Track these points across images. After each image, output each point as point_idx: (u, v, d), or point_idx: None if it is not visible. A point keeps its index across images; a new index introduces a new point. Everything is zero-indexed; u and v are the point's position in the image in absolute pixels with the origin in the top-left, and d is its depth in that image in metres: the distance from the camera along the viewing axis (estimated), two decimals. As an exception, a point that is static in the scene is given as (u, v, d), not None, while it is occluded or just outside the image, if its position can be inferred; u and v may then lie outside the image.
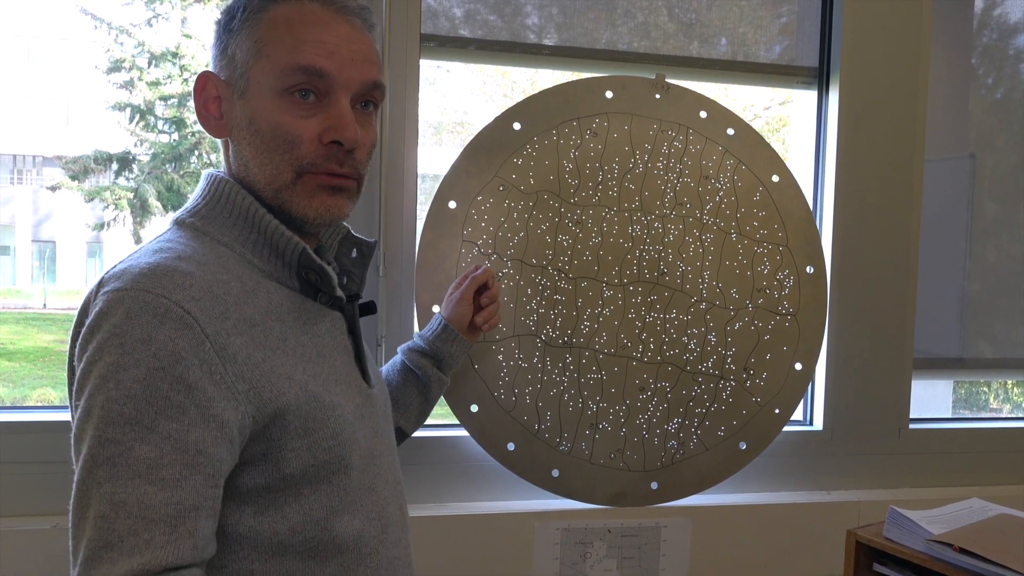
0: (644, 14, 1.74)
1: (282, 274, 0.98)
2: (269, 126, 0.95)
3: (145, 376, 0.81)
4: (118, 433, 0.80)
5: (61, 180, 5.00)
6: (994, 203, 2.00)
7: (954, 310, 1.99)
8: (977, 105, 2.03)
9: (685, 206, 1.63)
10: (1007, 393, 3.44)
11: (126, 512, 0.78)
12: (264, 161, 0.96)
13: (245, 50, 0.96)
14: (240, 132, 0.97)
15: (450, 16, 1.66)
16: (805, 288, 1.67)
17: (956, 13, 1.99)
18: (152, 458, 0.80)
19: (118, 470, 0.79)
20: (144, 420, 0.80)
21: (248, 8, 0.96)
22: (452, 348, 1.37)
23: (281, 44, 0.94)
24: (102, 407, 0.80)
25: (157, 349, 0.82)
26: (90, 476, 0.80)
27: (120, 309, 0.83)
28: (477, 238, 1.55)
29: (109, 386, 0.81)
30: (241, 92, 0.96)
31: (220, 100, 0.98)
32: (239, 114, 0.97)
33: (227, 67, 0.98)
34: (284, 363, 0.92)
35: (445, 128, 2.82)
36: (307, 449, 0.92)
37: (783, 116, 3.58)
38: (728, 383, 1.64)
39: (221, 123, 0.99)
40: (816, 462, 1.80)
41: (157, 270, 0.86)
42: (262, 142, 0.95)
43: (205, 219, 0.97)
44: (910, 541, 1.28)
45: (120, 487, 0.79)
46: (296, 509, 0.92)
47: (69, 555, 0.81)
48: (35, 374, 5.09)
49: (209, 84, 0.98)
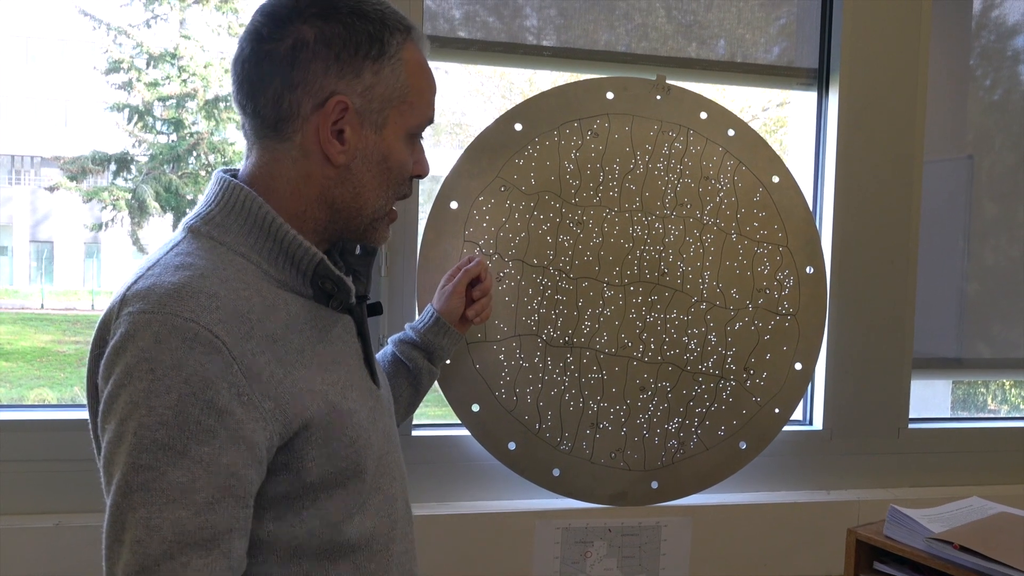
0: (642, 16, 1.75)
1: (296, 283, 0.97)
2: (399, 166, 1.01)
3: (176, 402, 0.81)
4: (151, 459, 0.80)
5: (59, 180, 5.00)
6: (992, 204, 2.01)
7: (953, 311, 1.99)
8: (975, 106, 2.03)
9: (686, 206, 1.63)
10: (1005, 394, 3.46)
11: (161, 537, 0.79)
12: (380, 194, 1.01)
13: (390, 88, 0.97)
14: (366, 164, 0.98)
15: (449, 18, 1.67)
16: (805, 288, 1.68)
17: (954, 15, 2.00)
18: (185, 482, 0.81)
19: (152, 495, 0.80)
20: (176, 445, 0.81)
21: (392, 44, 0.97)
22: (443, 340, 1.38)
23: (422, 96, 1.01)
24: (134, 433, 0.81)
25: (188, 375, 0.82)
26: (124, 501, 0.80)
27: (148, 333, 0.83)
28: (479, 238, 1.55)
29: (141, 412, 0.81)
30: (376, 127, 0.98)
31: (343, 125, 0.95)
32: (371, 147, 0.98)
33: (361, 96, 0.95)
34: (305, 376, 0.92)
35: (443, 129, 2.81)
36: (327, 458, 0.93)
37: (781, 117, 3.58)
38: (728, 383, 1.65)
39: (344, 150, 0.96)
40: (816, 462, 1.80)
41: (183, 291, 0.85)
42: (390, 178, 1.01)
43: (220, 227, 0.95)
44: (910, 539, 1.29)
45: (155, 512, 0.80)
46: (313, 514, 0.93)
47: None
48: (32, 374, 5.08)
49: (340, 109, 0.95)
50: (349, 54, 0.94)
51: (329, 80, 0.94)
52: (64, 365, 5.16)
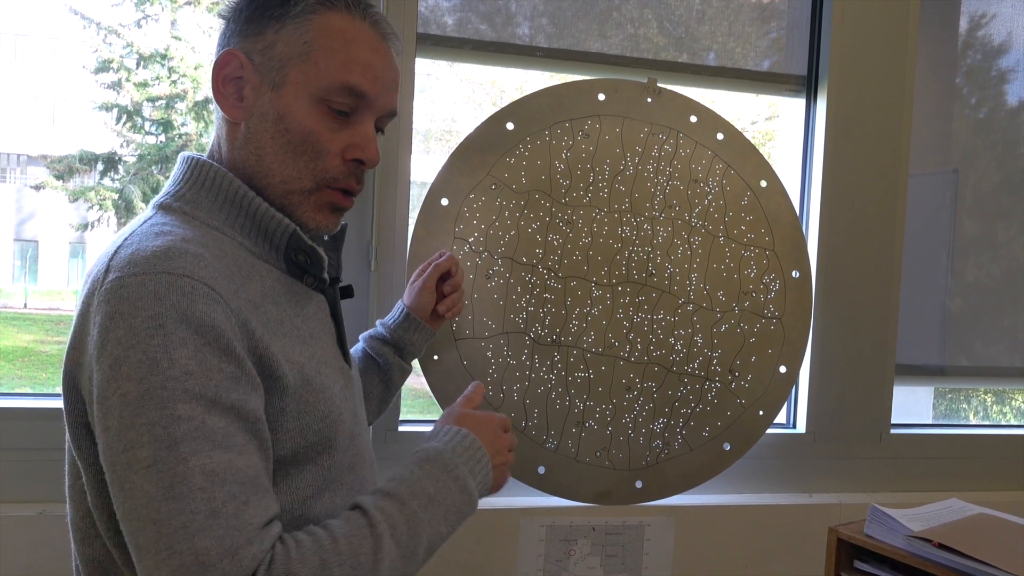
0: (634, 26, 1.77)
1: (270, 256, 0.98)
2: (301, 129, 0.96)
3: (195, 353, 0.81)
4: (188, 410, 0.79)
5: (45, 179, 4.97)
6: (975, 221, 2.04)
7: (935, 326, 2.02)
8: (961, 124, 2.06)
9: (674, 208, 1.65)
10: (986, 411, 3.48)
11: (221, 479, 0.79)
12: (286, 161, 0.97)
13: (289, 46, 0.95)
14: (263, 123, 0.96)
15: (441, 24, 1.68)
16: (791, 292, 1.70)
17: (941, 33, 2.03)
18: (223, 427, 0.81)
19: (199, 443, 0.79)
20: (208, 394, 0.81)
21: (302, 3, 0.96)
22: (414, 336, 1.38)
23: (333, 56, 0.96)
24: (163, 387, 0.79)
25: (197, 326, 0.82)
26: (170, 455, 0.78)
27: (145, 292, 0.81)
28: (468, 235, 1.56)
29: (164, 366, 0.79)
30: (274, 85, 0.96)
31: (242, 82, 0.97)
32: (267, 106, 0.96)
33: (261, 53, 0.96)
34: (283, 345, 0.93)
35: (433, 136, 2.83)
36: (299, 431, 0.93)
37: (769, 131, 3.61)
38: (713, 384, 1.66)
39: (241, 106, 0.97)
40: (799, 464, 1.82)
41: (171, 251, 0.84)
42: (289, 143, 0.96)
43: (192, 203, 0.95)
44: (891, 538, 1.30)
45: (206, 459, 0.79)
46: (284, 489, 0.93)
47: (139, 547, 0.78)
48: (14, 374, 5.04)
49: (234, 63, 0.96)
50: (256, 16, 0.97)
51: (234, 40, 0.97)
52: (47, 365, 5.12)
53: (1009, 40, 2.07)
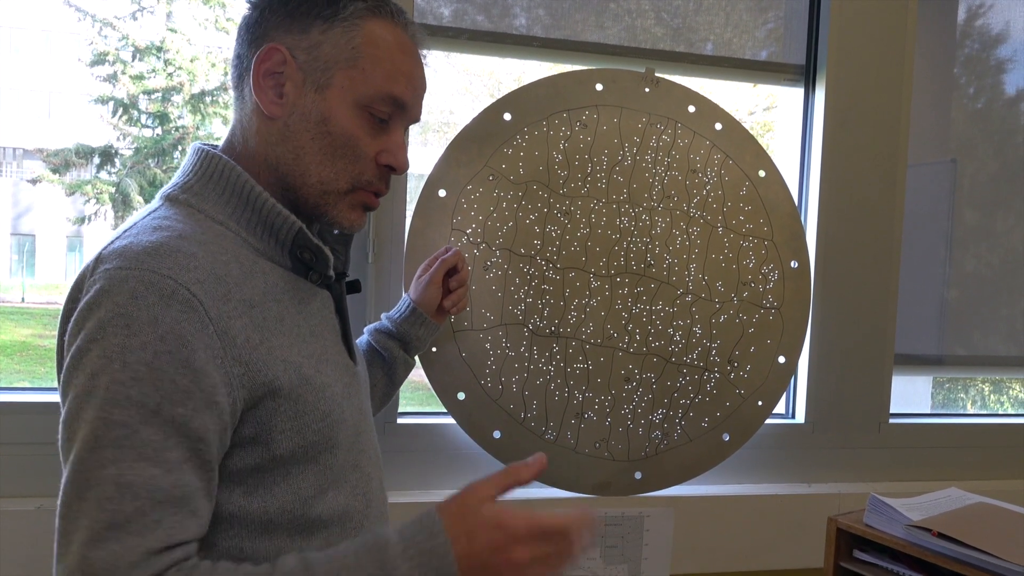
0: (631, 17, 1.76)
1: (275, 253, 0.97)
2: (343, 133, 0.97)
3: (152, 359, 0.80)
4: (124, 415, 0.78)
5: (42, 173, 4.95)
6: (974, 210, 2.04)
7: (933, 316, 2.02)
8: (959, 114, 2.06)
9: (672, 199, 1.65)
10: (984, 401, 3.49)
11: (133, 494, 0.77)
12: (325, 163, 0.97)
13: (337, 49, 0.96)
14: (304, 123, 0.96)
15: (438, 15, 1.67)
16: (789, 283, 1.69)
17: (939, 23, 2.02)
18: (157, 441, 0.79)
19: (124, 452, 0.78)
20: (150, 404, 0.79)
21: (348, 8, 0.96)
22: (419, 331, 1.38)
23: (380, 65, 0.97)
24: (107, 388, 0.79)
25: (164, 332, 0.80)
26: (91, 457, 0.78)
27: (124, 288, 0.81)
28: (466, 227, 1.56)
29: (115, 367, 0.79)
30: (318, 86, 0.96)
31: (283, 78, 0.96)
32: (310, 106, 0.96)
33: (305, 52, 0.96)
34: (281, 344, 0.92)
35: (430, 127, 2.82)
36: (297, 431, 0.92)
37: (767, 121, 3.61)
38: (712, 375, 1.66)
39: (280, 103, 0.96)
40: (797, 455, 1.82)
41: (161, 249, 0.84)
42: (330, 145, 0.97)
43: (198, 196, 0.95)
44: (890, 527, 1.30)
45: (126, 468, 0.77)
46: (285, 488, 0.93)
47: (55, 534, 0.79)
48: (11, 368, 5.03)
49: (277, 58, 0.96)
50: (302, 12, 0.96)
51: (276, 34, 0.96)
52: (45, 359, 5.12)
53: (1007, 29, 2.07)
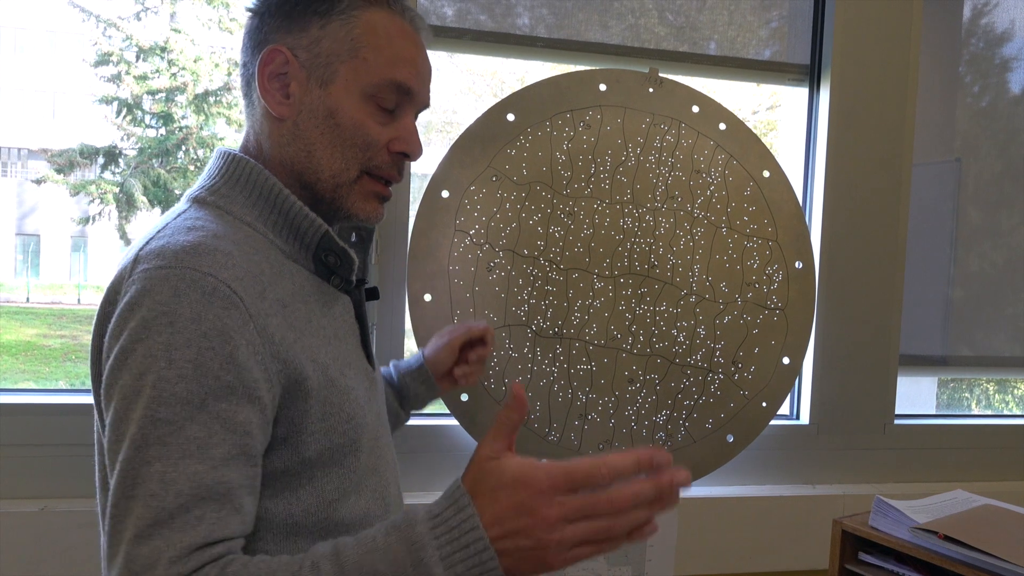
0: (635, 16, 1.75)
1: (299, 255, 0.98)
2: (352, 123, 0.97)
3: (196, 356, 0.80)
4: (169, 413, 0.79)
5: (46, 173, 4.96)
6: (978, 210, 2.03)
7: (938, 316, 2.01)
8: (963, 112, 2.05)
9: (676, 200, 1.64)
10: (989, 399, 3.48)
11: (177, 491, 0.78)
12: (335, 154, 0.98)
13: (336, 43, 0.97)
14: (312, 120, 0.97)
15: (441, 15, 1.67)
16: (794, 283, 1.69)
17: (944, 21, 2.01)
18: (202, 437, 0.80)
19: (169, 449, 0.79)
20: (195, 400, 0.80)
21: (347, 0, 0.98)
22: (420, 388, 1.35)
23: (380, 53, 0.98)
24: (153, 386, 0.80)
25: (207, 329, 0.81)
26: (138, 455, 0.79)
27: (166, 287, 0.82)
28: (469, 228, 1.55)
29: (160, 365, 0.80)
30: (323, 82, 0.97)
31: (287, 79, 0.97)
32: (316, 102, 0.97)
33: (307, 50, 0.97)
34: (310, 344, 0.93)
35: (434, 127, 2.82)
36: (324, 433, 0.93)
37: (771, 120, 3.60)
38: (716, 376, 1.65)
39: (287, 103, 0.98)
40: (802, 456, 1.81)
41: (199, 248, 0.85)
42: (339, 136, 0.98)
43: (225, 198, 0.96)
44: (895, 530, 1.30)
45: (171, 466, 0.78)
46: (310, 492, 0.93)
47: (106, 536, 0.80)
48: (16, 368, 5.05)
49: (279, 59, 0.97)
50: (299, 12, 0.97)
51: (276, 36, 0.98)
52: (49, 359, 5.13)
53: (1012, 28, 2.06)
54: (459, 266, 1.55)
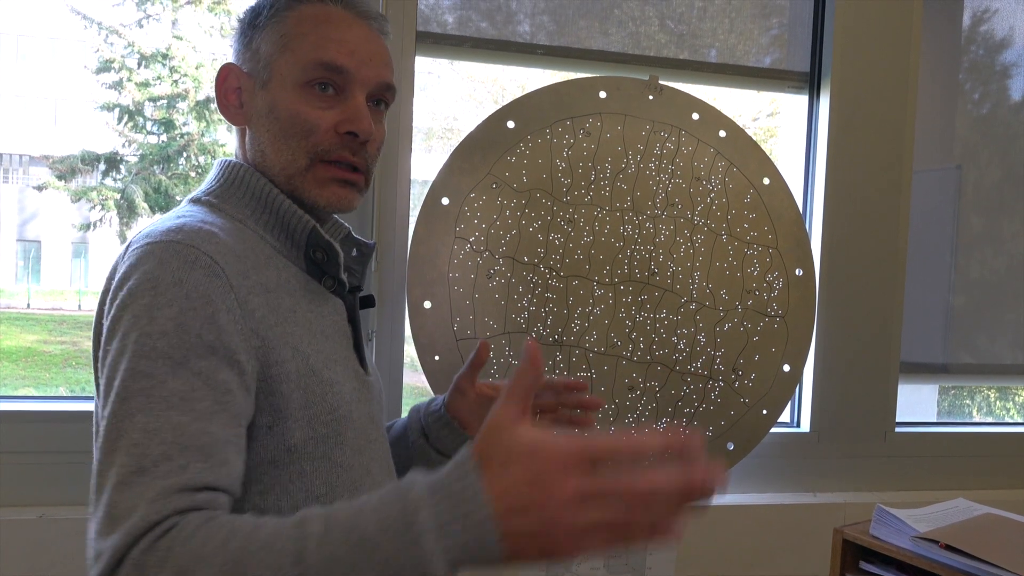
0: (635, 24, 1.76)
1: (291, 253, 1.01)
2: (288, 114, 1.00)
3: (178, 314, 0.83)
4: (151, 367, 0.80)
5: (48, 180, 4.97)
6: (979, 216, 2.03)
7: (938, 323, 2.01)
8: (963, 119, 2.05)
9: (676, 207, 1.64)
10: (990, 407, 3.47)
11: (160, 439, 0.77)
12: (280, 147, 1.01)
13: (270, 44, 1.02)
14: (260, 120, 1.02)
15: (442, 22, 1.67)
16: (794, 290, 1.68)
17: (944, 29, 2.01)
18: (184, 391, 0.81)
19: (151, 401, 0.79)
20: (176, 355, 0.81)
21: (275, 6, 1.03)
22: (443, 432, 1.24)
23: (306, 40, 1.01)
24: (135, 342, 0.81)
25: (189, 290, 0.84)
26: (122, 408, 0.79)
27: (151, 259, 0.85)
28: (469, 235, 1.55)
29: (142, 323, 0.82)
30: (263, 83, 1.02)
31: (240, 90, 1.04)
32: (260, 103, 1.02)
33: (250, 60, 1.03)
34: (293, 332, 0.94)
35: (434, 134, 2.82)
36: (307, 421, 0.93)
37: (771, 127, 3.60)
38: (717, 383, 1.65)
39: (240, 112, 1.04)
40: (803, 464, 1.81)
41: (184, 227, 0.89)
42: (280, 129, 1.01)
43: (220, 198, 1.01)
44: (896, 539, 1.29)
45: (153, 417, 0.78)
46: (299, 486, 0.93)
47: (92, 492, 0.78)
48: (17, 374, 5.04)
49: (231, 75, 1.04)
50: (243, 31, 1.05)
51: (233, 57, 1.06)
52: (50, 365, 5.12)
53: (1011, 35, 2.06)
54: (459, 273, 1.55)
